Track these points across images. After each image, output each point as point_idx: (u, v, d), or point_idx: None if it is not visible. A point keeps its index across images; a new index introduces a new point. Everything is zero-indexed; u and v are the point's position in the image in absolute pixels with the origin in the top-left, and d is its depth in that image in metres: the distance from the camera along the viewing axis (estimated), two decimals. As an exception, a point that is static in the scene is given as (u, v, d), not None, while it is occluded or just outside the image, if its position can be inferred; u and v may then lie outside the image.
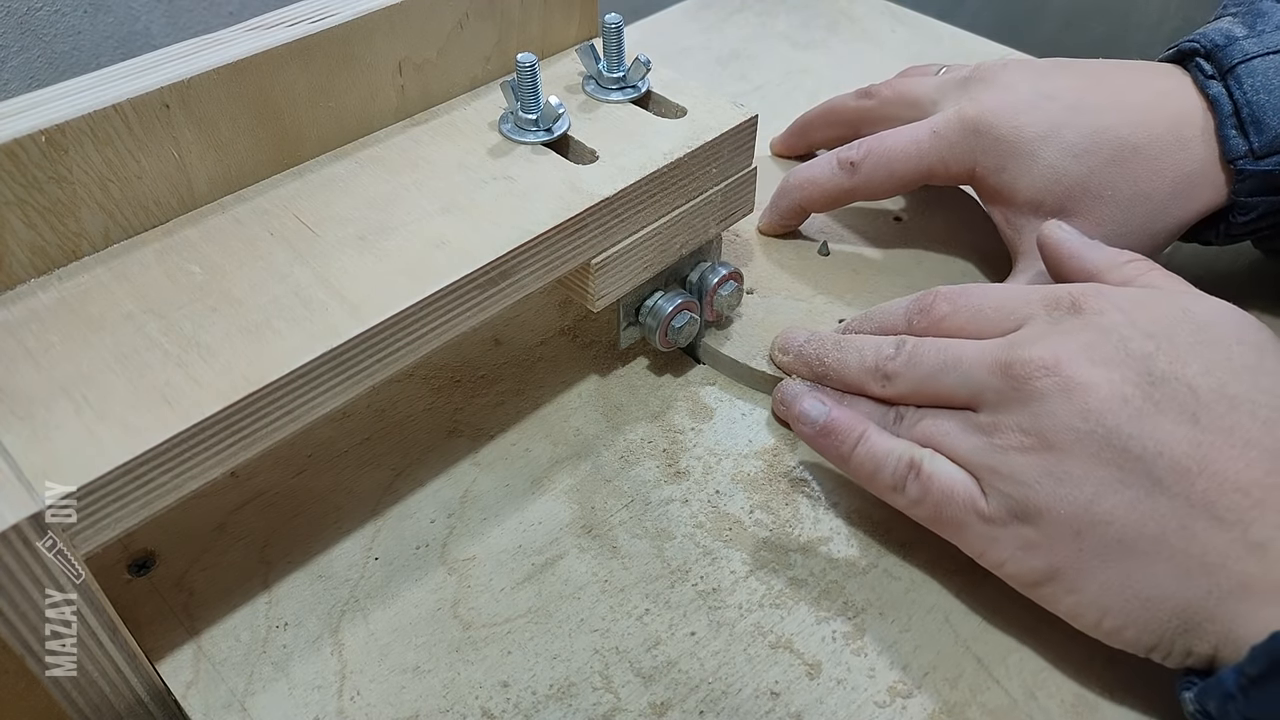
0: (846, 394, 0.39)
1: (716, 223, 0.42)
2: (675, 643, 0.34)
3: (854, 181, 0.45)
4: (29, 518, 0.25)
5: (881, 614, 0.35)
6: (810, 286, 0.46)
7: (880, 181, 0.45)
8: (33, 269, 0.32)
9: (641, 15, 0.71)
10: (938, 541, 0.35)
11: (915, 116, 0.46)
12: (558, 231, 0.35)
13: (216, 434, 0.29)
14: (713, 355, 0.44)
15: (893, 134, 0.45)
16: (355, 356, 0.31)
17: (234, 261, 0.33)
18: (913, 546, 0.37)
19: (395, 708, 0.32)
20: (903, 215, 0.51)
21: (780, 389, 0.40)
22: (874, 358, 0.37)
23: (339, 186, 0.36)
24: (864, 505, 0.38)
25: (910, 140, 0.44)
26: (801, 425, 0.37)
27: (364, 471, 0.40)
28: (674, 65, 0.43)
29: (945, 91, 0.46)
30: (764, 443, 0.41)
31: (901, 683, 0.33)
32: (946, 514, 0.33)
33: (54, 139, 0.31)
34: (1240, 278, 0.48)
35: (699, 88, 0.42)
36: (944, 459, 0.34)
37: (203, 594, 0.35)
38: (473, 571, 0.36)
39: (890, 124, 0.47)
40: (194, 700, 0.32)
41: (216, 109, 0.34)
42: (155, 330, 0.31)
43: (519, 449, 0.41)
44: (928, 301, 0.38)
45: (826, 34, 0.68)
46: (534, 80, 0.38)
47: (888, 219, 0.50)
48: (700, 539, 0.37)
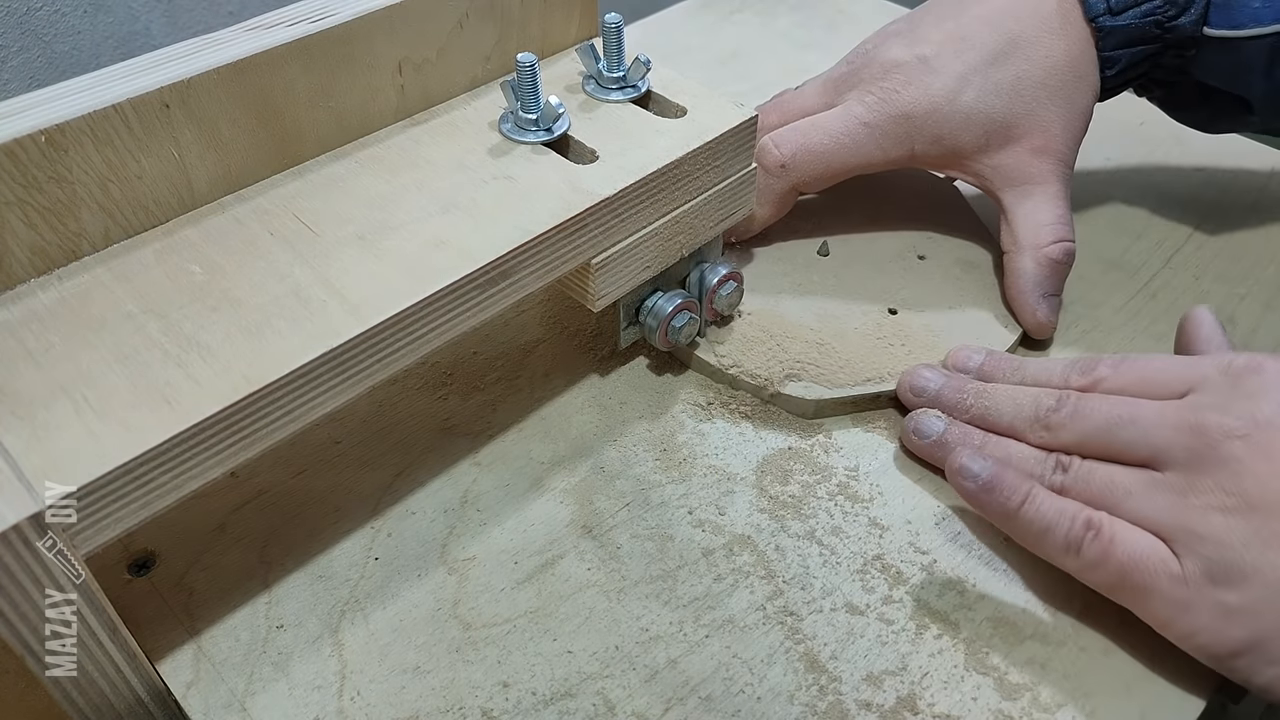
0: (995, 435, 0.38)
1: (716, 223, 0.42)
2: (675, 643, 0.34)
3: (789, 182, 0.45)
4: (29, 518, 0.25)
5: (882, 614, 0.35)
6: (810, 287, 0.46)
7: (815, 178, 0.45)
8: (33, 269, 0.32)
9: (641, 15, 0.71)
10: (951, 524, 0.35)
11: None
12: (558, 231, 0.35)
13: (216, 434, 0.29)
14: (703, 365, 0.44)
15: (814, 129, 0.45)
16: (355, 356, 0.31)
17: (234, 261, 0.33)
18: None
19: (395, 708, 0.32)
20: (903, 212, 0.51)
21: (915, 424, 0.39)
22: (1033, 409, 0.36)
23: (339, 186, 0.36)
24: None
25: (842, 133, 0.45)
26: (963, 480, 0.35)
27: (364, 471, 0.40)
28: (674, 65, 0.43)
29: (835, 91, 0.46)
30: (764, 442, 0.41)
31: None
32: (1132, 579, 0.32)
33: (54, 139, 0.31)
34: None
35: (699, 87, 0.42)
36: (1124, 522, 0.33)
37: (203, 594, 0.35)
38: (473, 571, 0.36)
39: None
40: (194, 700, 0.32)
41: (216, 109, 0.34)
42: (155, 330, 0.31)
43: (519, 449, 0.41)
44: (1090, 364, 0.37)
45: (826, 34, 0.68)
46: (534, 80, 0.38)
47: (888, 218, 0.50)
48: (700, 539, 0.37)
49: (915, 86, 0.44)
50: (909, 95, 0.44)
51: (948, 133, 0.44)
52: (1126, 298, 0.47)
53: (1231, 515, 0.30)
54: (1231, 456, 0.31)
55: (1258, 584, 0.29)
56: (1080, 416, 0.35)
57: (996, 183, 0.45)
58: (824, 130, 0.45)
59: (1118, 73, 0.44)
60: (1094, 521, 0.33)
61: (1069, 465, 0.35)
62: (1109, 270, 0.49)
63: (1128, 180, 0.50)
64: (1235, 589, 0.30)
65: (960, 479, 0.36)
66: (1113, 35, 0.43)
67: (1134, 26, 0.43)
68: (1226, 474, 0.31)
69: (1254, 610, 0.30)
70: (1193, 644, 0.31)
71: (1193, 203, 0.53)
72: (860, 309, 0.45)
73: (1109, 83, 0.44)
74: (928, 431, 0.39)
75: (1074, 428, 0.35)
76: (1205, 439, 0.32)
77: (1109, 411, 0.34)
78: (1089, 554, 0.33)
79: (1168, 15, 0.42)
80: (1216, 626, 0.30)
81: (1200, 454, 0.32)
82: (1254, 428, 0.31)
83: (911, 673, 0.33)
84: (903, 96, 0.44)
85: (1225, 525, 0.30)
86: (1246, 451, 0.31)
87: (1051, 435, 0.36)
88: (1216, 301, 0.47)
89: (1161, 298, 0.47)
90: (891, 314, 0.45)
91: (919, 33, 0.45)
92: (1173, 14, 0.42)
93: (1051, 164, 0.44)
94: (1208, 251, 0.50)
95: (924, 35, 0.45)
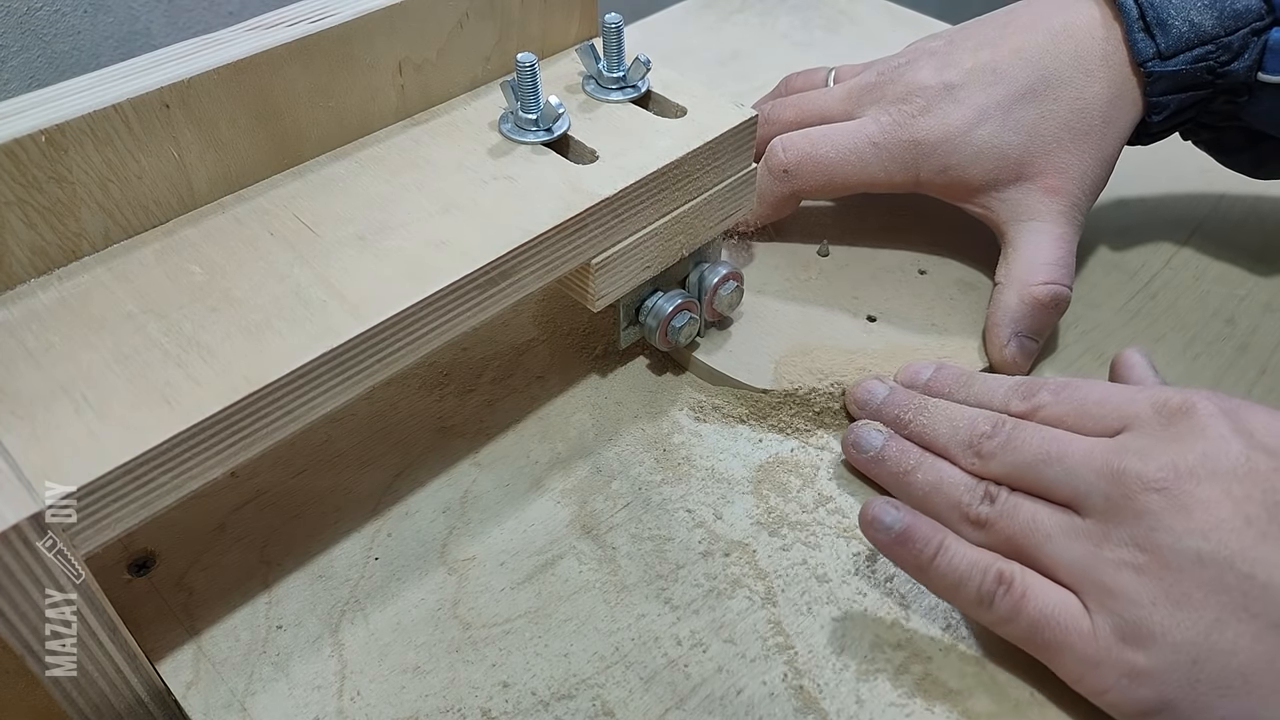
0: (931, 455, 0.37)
1: (716, 223, 0.42)
2: (675, 643, 0.34)
3: (790, 187, 0.45)
4: (29, 518, 0.25)
5: (881, 614, 0.35)
6: (810, 287, 0.46)
7: (817, 188, 0.45)
8: (33, 269, 0.32)
9: (641, 15, 0.71)
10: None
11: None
12: (558, 231, 0.35)
13: (216, 434, 0.29)
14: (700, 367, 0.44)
15: (824, 140, 0.45)
16: (355, 356, 0.31)
17: (234, 261, 0.33)
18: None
19: (395, 708, 0.32)
20: (917, 223, 0.50)
21: (855, 436, 0.39)
22: (968, 432, 0.36)
23: (339, 186, 0.36)
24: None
25: (850, 150, 0.44)
26: (874, 531, 0.34)
27: (364, 471, 0.40)
28: (674, 65, 0.43)
29: (857, 101, 0.46)
30: (763, 445, 0.41)
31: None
32: (1043, 635, 0.31)
33: (54, 139, 0.31)
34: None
35: (699, 88, 0.42)
36: (1036, 575, 0.32)
37: (203, 594, 0.35)
38: (473, 571, 0.36)
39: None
40: (194, 700, 0.32)
41: (216, 109, 0.34)
42: (155, 330, 0.31)
43: (519, 449, 0.41)
44: (1032, 388, 0.36)
45: (826, 34, 0.68)
46: (534, 80, 0.38)
47: (899, 227, 0.50)
48: (699, 540, 0.37)
49: (932, 114, 0.43)
50: (924, 123, 0.43)
51: (955, 164, 0.43)
52: (1126, 298, 0.47)
53: (1143, 573, 0.29)
54: (1147, 510, 0.30)
55: (1165, 646, 0.28)
56: (1010, 448, 0.34)
57: (1002, 215, 0.44)
58: (833, 143, 0.44)
59: (1165, 118, 0.43)
60: (1005, 575, 0.32)
61: (996, 497, 0.34)
62: (1109, 270, 0.49)
63: (1128, 180, 0.50)
64: (1143, 649, 0.29)
65: (873, 530, 0.34)
66: (1162, 80, 0.41)
67: (1185, 72, 0.41)
68: (1141, 528, 0.30)
69: (1162, 672, 0.29)
70: (1103, 701, 0.30)
71: (1193, 203, 0.53)
72: (842, 315, 0.45)
73: (1155, 128, 0.43)
74: (866, 445, 0.38)
75: (1003, 459, 0.34)
76: (1123, 488, 0.30)
77: (1038, 446, 0.33)
78: (1000, 609, 0.32)
79: (1220, 60, 0.41)
80: (1125, 686, 0.29)
81: (1118, 504, 0.30)
82: (1173, 479, 0.30)
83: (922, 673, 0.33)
84: (917, 123, 0.43)
85: (1136, 583, 0.29)
86: (1163, 505, 0.30)
87: (982, 463, 0.35)
88: (1216, 301, 0.47)
89: (1161, 298, 0.47)
90: (870, 321, 0.45)
91: (953, 57, 0.44)
92: (1226, 59, 0.41)
93: (1062, 205, 0.43)
94: (1208, 251, 0.50)
95: (956, 60, 0.44)
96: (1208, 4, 0.41)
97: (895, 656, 0.34)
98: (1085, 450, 0.32)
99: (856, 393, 0.41)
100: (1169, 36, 0.41)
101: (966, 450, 0.36)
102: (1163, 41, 0.41)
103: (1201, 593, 0.28)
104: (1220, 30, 0.40)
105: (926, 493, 0.36)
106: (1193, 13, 0.41)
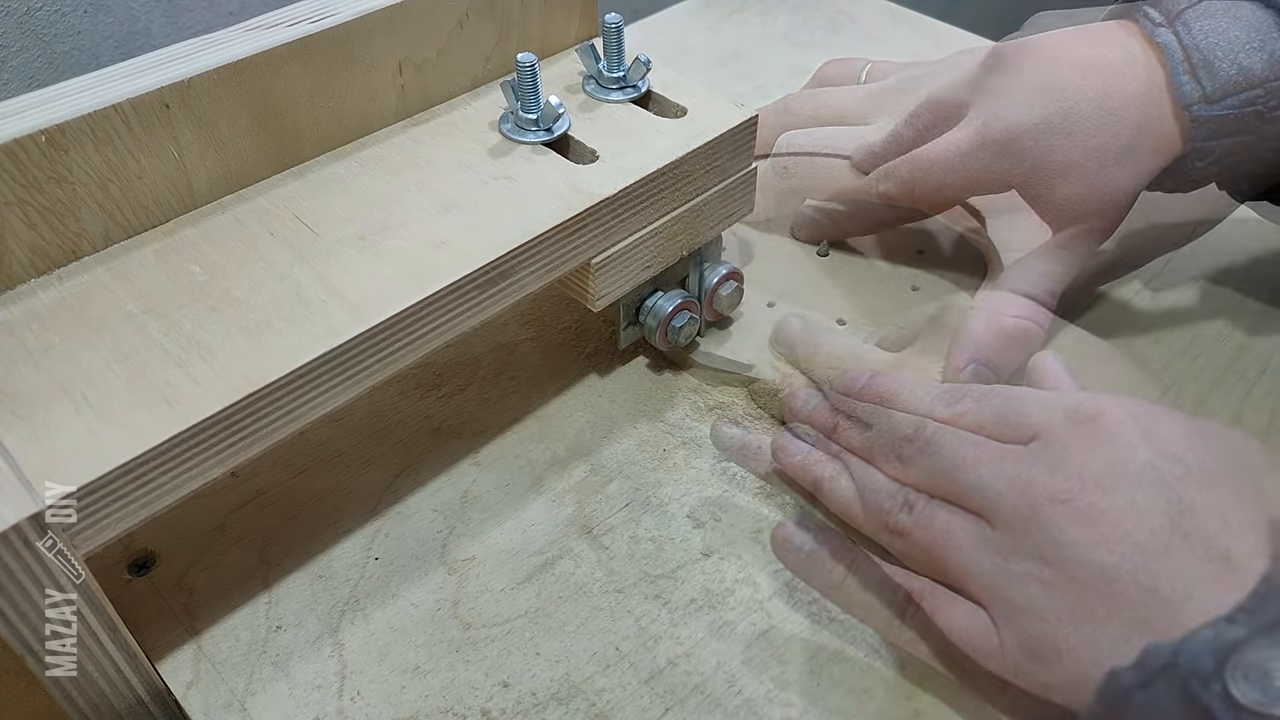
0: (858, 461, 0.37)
1: (716, 223, 0.42)
2: (675, 643, 0.34)
3: (787, 185, 0.46)
4: (29, 518, 0.25)
5: (881, 614, 0.35)
6: (809, 287, 0.46)
7: (810, 190, 0.46)
8: (33, 269, 0.32)
9: (641, 15, 0.71)
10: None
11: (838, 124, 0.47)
12: (558, 231, 0.35)
13: (216, 434, 0.29)
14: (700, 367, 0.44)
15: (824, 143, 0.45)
16: (355, 356, 0.31)
17: (234, 261, 0.33)
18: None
19: (395, 708, 0.32)
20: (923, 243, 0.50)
21: (782, 440, 0.38)
22: (890, 436, 0.35)
23: (339, 186, 0.37)
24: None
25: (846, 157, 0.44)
26: (784, 553, 0.35)
27: (364, 471, 0.40)
28: (674, 65, 0.43)
29: (877, 102, 0.46)
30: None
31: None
32: (953, 654, 0.31)
33: (54, 139, 0.31)
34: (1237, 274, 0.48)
35: (699, 88, 0.42)
36: (945, 591, 0.32)
37: (203, 594, 0.35)
38: (473, 571, 0.36)
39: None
40: (194, 700, 0.32)
41: (216, 109, 0.34)
42: (155, 330, 0.31)
43: (519, 449, 0.41)
44: (958, 394, 0.35)
45: (826, 34, 0.68)
46: (534, 80, 0.38)
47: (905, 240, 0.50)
48: (700, 539, 0.37)
49: (934, 133, 0.43)
50: (926, 143, 0.43)
51: (949, 183, 0.42)
52: (1127, 298, 0.47)
53: (1049, 587, 0.29)
54: (1051, 522, 0.29)
55: (1070, 661, 0.28)
56: (928, 453, 0.33)
57: (995, 241, 0.43)
58: (830, 148, 0.45)
59: (1210, 163, 0.40)
60: (915, 595, 0.32)
61: (914, 505, 0.33)
62: (1109, 270, 0.49)
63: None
64: (1049, 666, 0.28)
65: (782, 551, 0.35)
66: (1207, 125, 0.39)
67: (1231, 116, 0.39)
68: (1046, 540, 0.29)
69: (1068, 688, 0.28)
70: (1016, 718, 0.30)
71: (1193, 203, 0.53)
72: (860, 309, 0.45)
73: (1198, 174, 0.41)
74: (793, 450, 0.38)
75: (921, 464, 0.33)
76: (1030, 499, 0.30)
77: (954, 451, 0.33)
78: (910, 628, 0.32)
79: (1269, 105, 0.38)
80: (1033, 702, 0.29)
81: (1024, 515, 0.30)
82: (1079, 490, 0.29)
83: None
84: (920, 138, 0.43)
85: (1042, 598, 0.29)
86: (1068, 517, 0.29)
87: (903, 468, 0.34)
88: (1216, 302, 0.47)
89: (1162, 298, 0.47)
90: (840, 324, 0.45)
91: (989, 81, 0.42)
92: (1275, 104, 0.38)
93: (1056, 241, 0.42)
94: (1208, 251, 0.50)
95: (982, 84, 0.42)
96: (1257, 46, 0.38)
97: (895, 656, 0.34)
98: (997, 458, 0.32)
99: (790, 400, 0.40)
100: (1216, 79, 0.38)
101: (889, 455, 0.35)
102: (1209, 84, 0.38)
103: (1105, 608, 0.28)
104: (1270, 74, 0.38)
105: (849, 499, 0.35)
106: (1241, 55, 0.38)
